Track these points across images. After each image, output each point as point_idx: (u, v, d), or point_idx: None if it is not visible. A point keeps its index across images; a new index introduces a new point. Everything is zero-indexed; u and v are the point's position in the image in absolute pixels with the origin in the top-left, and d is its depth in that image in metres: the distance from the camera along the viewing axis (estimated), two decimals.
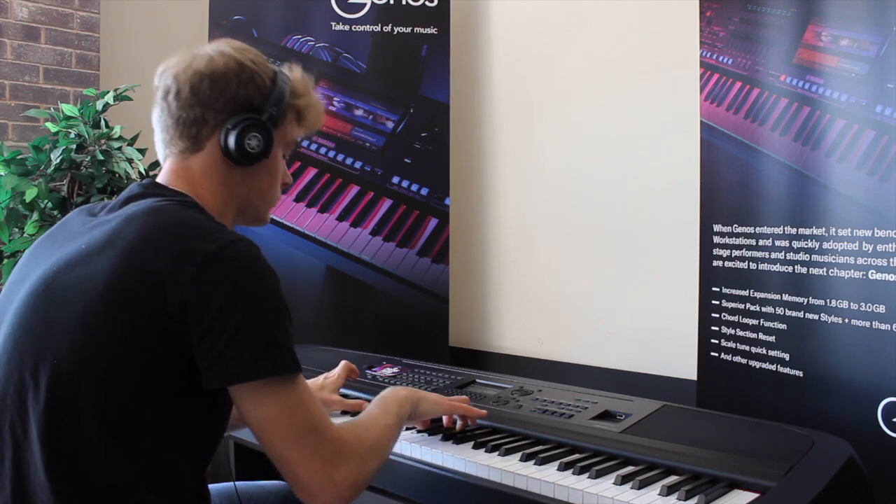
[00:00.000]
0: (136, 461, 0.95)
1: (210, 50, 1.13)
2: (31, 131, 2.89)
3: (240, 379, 0.96)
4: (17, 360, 0.97)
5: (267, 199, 1.21)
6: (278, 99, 1.15)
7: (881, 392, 1.61)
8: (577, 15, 2.77)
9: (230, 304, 0.95)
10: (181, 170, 1.13)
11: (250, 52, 1.16)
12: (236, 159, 1.11)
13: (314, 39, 2.88)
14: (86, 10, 3.07)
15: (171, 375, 0.96)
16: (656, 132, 2.52)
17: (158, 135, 1.15)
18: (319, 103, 1.27)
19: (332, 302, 2.82)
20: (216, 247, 0.97)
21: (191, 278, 0.94)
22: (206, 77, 1.10)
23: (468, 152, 3.09)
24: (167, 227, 1.00)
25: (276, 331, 0.98)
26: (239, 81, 1.11)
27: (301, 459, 0.98)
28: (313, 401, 1.02)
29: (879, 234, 1.62)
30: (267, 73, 1.15)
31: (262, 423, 0.98)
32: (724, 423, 1.40)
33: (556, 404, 1.49)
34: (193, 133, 1.11)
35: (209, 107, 1.10)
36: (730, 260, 2.01)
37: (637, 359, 2.53)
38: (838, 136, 1.72)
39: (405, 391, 1.28)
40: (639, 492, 1.12)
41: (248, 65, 1.13)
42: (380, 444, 1.10)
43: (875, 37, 1.65)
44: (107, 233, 1.01)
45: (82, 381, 0.94)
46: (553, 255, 2.84)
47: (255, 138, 1.11)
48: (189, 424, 1.00)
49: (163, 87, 1.13)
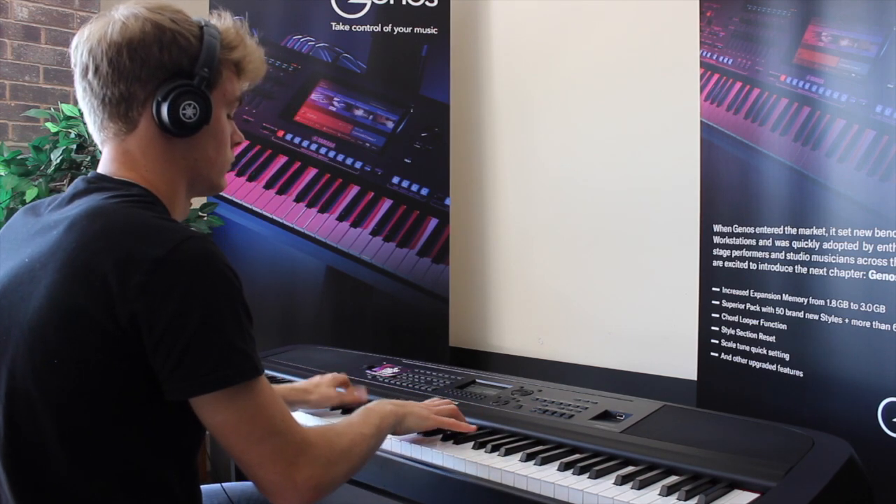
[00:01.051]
0: (108, 473, 0.92)
1: (122, 14, 1.02)
2: (31, 131, 2.89)
3: (198, 391, 0.92)
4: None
5: (218, 165, 1.11)
6: (209, 57, 1.04)
7: (881, 392, 1.61)
8: (577, 15, 2.77)
9: (182, 313, 0.89)
10: (120, 154, 1.04)
11: (167, 9, 1.04)
12: (174, 131, 1.02)
13: (314, 39, 2.88)
14: (86, 10, 3.07)
15: (132, 387, 0.92)
16: (656, 132, 2.52)
17: (87, 118, 1.05)
18: (257, 50, 1.14)
19: (332, 302, 2.82)
20: (163, 250, 0.90)
21: (138, 288, 0.88)
22: (123, 47, 0.99)
23: (468, 152, 3.09)
24: (109, 232, 0.93)
25: (233, 335, 0.92)
26: (161, 46, 1.01)
27: (261, 461, 0.96)
28: (276, 402, 0.98)
29: (879, 234, 1.62)
30: (191, 30, 1.04)
31: (222, 428, 0.95)
32: (724, 423, 1.40)
33: (557, 404, 1.49)
34: (123, 111, 1.01)
35: (133, 80, 1.00)
36: (730, 260, 2.01)
37: (637, 359, 2.53)
38: (838, 136, 1.72)
39: (391, 405, 1.26)
40: (639, 492, 1.12)
41: (167, 25, 1.01)
42: (351, 450, 1.07)
43: (875, 37, 1.65)
44: (49, 244, 0.95)
45: (40, 405, 0.91)
46: (553, 255, 2.84)
47: (191, 106, 1.01)
48: (163, 430, 0.96)
49: (80, 64, 1.02)
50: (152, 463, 0.96)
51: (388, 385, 1.73)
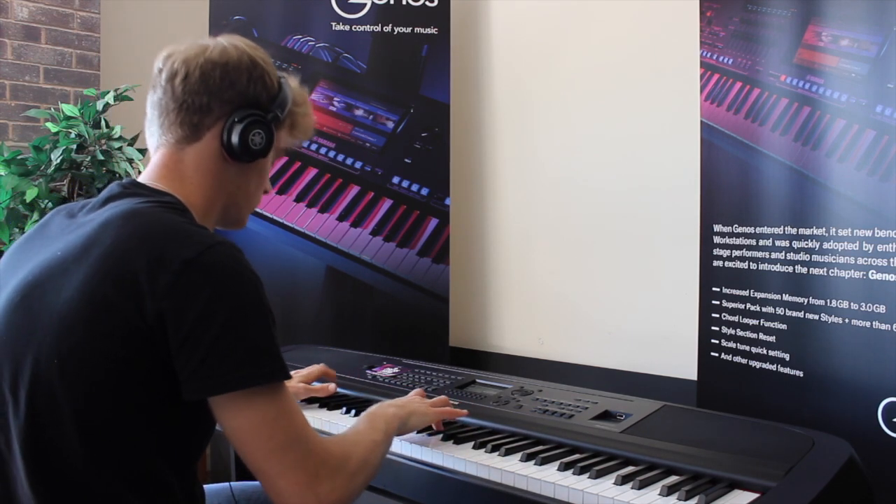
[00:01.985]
0: (120, 470, 0.93)
1: (224, 41, 1.11)
2: (31, 131, 2.89)
3: (219, 390, 0.93)
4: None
5: (252, 201, 1.19)
6: (283, 102, 1.14)
7: (881, 392, 1.61)
8: (577, 15, 2.77)
9: (209, 313, 0.91)
10: (172, 163, 1.09)
11: (261, 51, 1.14)
12: (237, 153, 1.09)
13: (314, 39, 2.88)
14: (86, 10, 3.07)
15: (152, 385, 0.93)
16: (656, 132, 2.52)
17: (155, 119, 1.10)
18: (313, 116, 1.25)
19: (332, 302, 2.82)
20: (194, 252, 0.93)
21: (167, 287, 0.91)
22: (219, 66, 1.08)
23: (468, 152, 3.09)
24: (143, 232, 0.96)
25: (260, 337, 0.95)
26: (250, 77, 1.10)
27: (283, 472, 0.94)
28: (297, 411, 0.98)
29: (879, 234, 1.62)
30: (275, 75, 1.14)
31: (241, 433, 0.94)
32: (724, 423, 1.40)
33: (557, 404, 1.49)
34: (195, 121, 1.08)
35: (217, 97, 1.08)
36: (730, 260, 2.01)
37: (637, 359, 2.53)
38: (838, 136, 1.72)
39: (393, 408, 1.26)
40: (639, 492, 1.12)
41: (259, 63, 1.12)
42: (367, 460, 1.07)
43: (875, 37, 1.65)
44: (82, 239, 0.98)
45: (62, 394, 0.92)
46: (553, 255, 2.84)
47: (259, 135, 1.09)
48: (173, 432, 0.97)
49: (168, 69, 1.09)
50: (158, 464, 0.96)
51: (388, 385, 1.73)
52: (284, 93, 1.15)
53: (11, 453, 0.95)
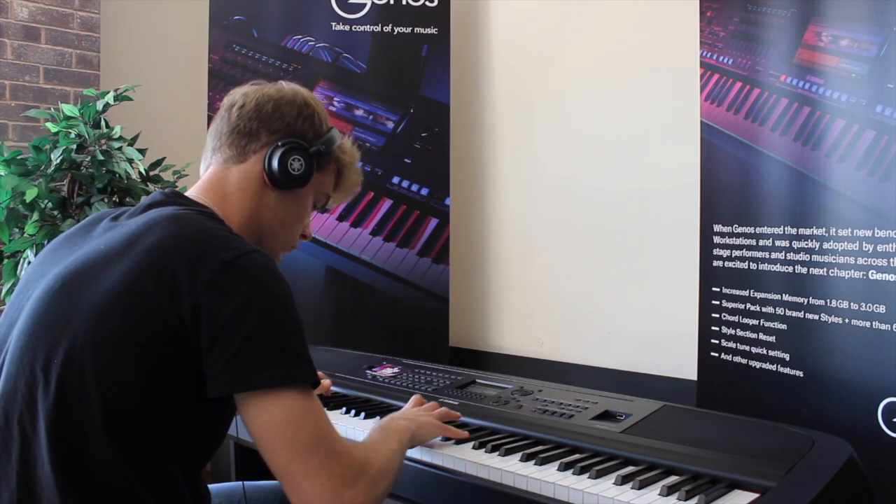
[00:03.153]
0: (136, 462, 0.95)
1: (286, 85, 1.21)
2: (31, 131, 2.89)
3: (249, 387, 0.95)
4: (31, 354, 0.98)
5: (287, 234, 1.23)
6: (328, 142, 1.21)
7: (881, 392, 1.61)
8: (577, 15, 2.77)
9: (243, 312, 0.95)
10: (217, 179, 1.17)
11: (319, 101, 1.24)
12: (275, 177, 1.15)
13: (314, 39, 2.88)
14: (86, 10, 3.07)
15: (179, 381, 0.96)
16: (656, 132, 2.52)
17: (209, 143, 1.20)
18: (360, 174, 1.32)
19: (332, 302, 2.82)
20: (232, 255, 0.98)
21: (205, 284, 0.95)
22: (273, 100, 1.18)
23: (468, 152, 3.09)
24: (186, 233, 1.01)
25: (289, 340, 0.98)
26: (300, 114, 1.19)
27: (308, 472, 0.95)
28: (323, 415, 1.00)
29: (879, 234, 1.62)
30: (326, 120, 1.23)
31: (267, 432, 0.95)
32: (724, 423, 1.40)
33: (557, 404, 1.49)
34: (243, 144, 1.16)
35: (266, 125, 1.16)
36: (730, 260, 2.01)
37: (637, 359, 2.53)
38: (838, 136, 1.72)
39: (404, 421, 1.27)
40: (639, 492, 1.12)
41: (313, 105, 1.21)
42: (388, 467, 1.08)
43: (875, 37, 1.65)
44: (126, 235, 1.03)
45: (92, 379, 0.94)
46: (553, 255, 2.84)
47: (298, 161, 1.16)
48: (189, 431, 1.00)
49: (228, 101, 1.19)
50: (170, 461, 0.98)
51: (388, 385, 1.73)
52: (332, 135, 1.22)
53: (36, 433, 0.96)
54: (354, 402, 1.63)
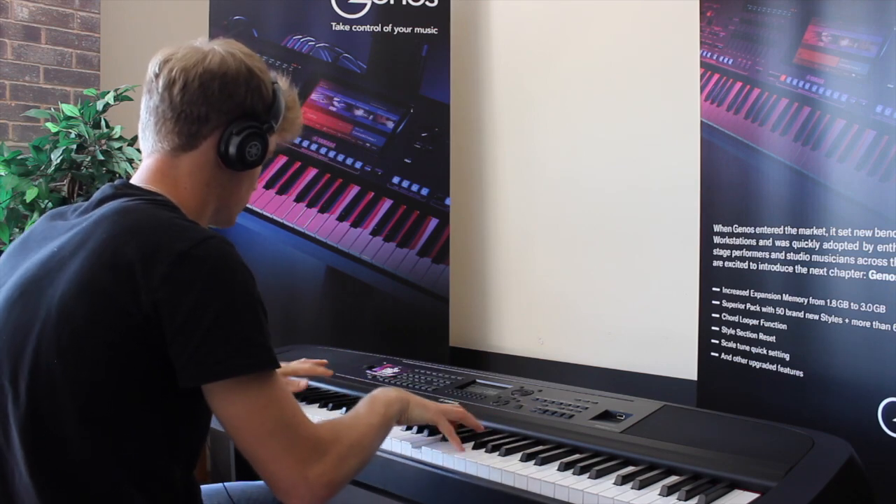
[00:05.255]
0: (121, 462, 0.95)
1: (220, 50, 1.12)
2: (31, 131, 2.89)
3: (212, 377, 0.95)
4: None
5: (241, 203, 1.22)
6: (277, 112, 1.17)
7: (881, 392, 1.61)
8: (577, 15, 2.77)
9: (202, 304, 0.94)
10: (166, 168, 1.11)
11: (256, 58, 1.16)
12: (233, 163, 1.12)
13: (314, 39, 2.88)
14: (86, 10, 3.07)
15: (150, 375, 0.96)
16: (656, 132, 2.52)
17: (150, 125, 1.11)
18: (301, 116, 1.29)
19: (332, 302, 2.81)
20: (187, 245, 0.96)
21: (162, 278, 0.94)
22: (218, 77, 1.10)
23: (468, 152, 3.09)
24: (138, 226, 0.99)
25: (250, 329, 0.97)
26: (248, 88, 1.12)
27: (274, 457, 0.97)
28: (287, 398, 1.01)
29: (879, 234, 1.62)
30: (270, 83, 1.16)
31: (234, 420, 0.97)
32: (724, 423, 1.40)
33: (557, 404, 1.49)
34: (193, 130, 1.10)
35: (215, 108, 1.10)
36: (730, 260, 2.01)
37: (637, 359, 2.53)
38: (838, 136, 1.72)
39: (396, 392, 1.27)
40: (639, 492, 1.12)
41: (256, 73, 1.14)
42: (361, 443, 1.09)
43: (875, 37, 1.65)
44: (79, 235, 1.01)
45: (62, 383, 0.94)
46: (553, 254, 2.84)
47: (255, 146, 1.12)
48: (173, 423, 1.00)
49: (166, 77, 1.09)
50: (161, 458, 0.98)
51: (388, 385, 1.73)
52: (279, 102, 1.17)
53: (10, 446, 0.95)
54: (354, 403, 1.63)
